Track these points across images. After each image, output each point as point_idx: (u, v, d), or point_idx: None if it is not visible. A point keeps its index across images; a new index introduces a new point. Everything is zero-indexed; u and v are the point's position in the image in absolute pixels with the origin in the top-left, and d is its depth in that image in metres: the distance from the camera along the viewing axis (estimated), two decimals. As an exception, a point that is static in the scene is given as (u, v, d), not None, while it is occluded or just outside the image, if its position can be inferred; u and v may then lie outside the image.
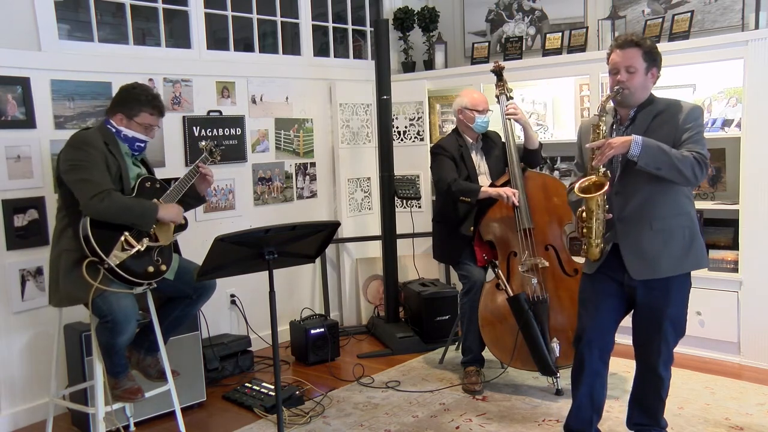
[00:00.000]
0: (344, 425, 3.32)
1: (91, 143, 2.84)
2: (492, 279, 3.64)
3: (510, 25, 5.19)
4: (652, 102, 2.62)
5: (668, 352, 2.65)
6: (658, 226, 2.56)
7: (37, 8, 3.50)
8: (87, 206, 2.76)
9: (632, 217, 2.58)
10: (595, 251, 2.58)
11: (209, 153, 3.13)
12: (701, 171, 2.46)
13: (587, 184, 2.55)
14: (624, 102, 2.60)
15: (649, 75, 2.59)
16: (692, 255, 2.59)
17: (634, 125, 2.60)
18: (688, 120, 2.53)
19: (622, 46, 2.58)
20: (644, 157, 2.43)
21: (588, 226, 2.55)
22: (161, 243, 2.93)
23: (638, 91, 2.58)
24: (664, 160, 2.43)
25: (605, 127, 2.57)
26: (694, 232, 2.61)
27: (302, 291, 4.89)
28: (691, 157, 2.44)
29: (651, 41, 2.60)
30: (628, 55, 2.56)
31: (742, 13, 4.06)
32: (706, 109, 4.10)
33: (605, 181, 2.51)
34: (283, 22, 4.83)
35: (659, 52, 2.61)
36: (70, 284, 2.81)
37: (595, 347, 2.67)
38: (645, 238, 2.56)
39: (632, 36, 2.59)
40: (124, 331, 2.80)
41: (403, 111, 5.15)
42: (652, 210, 2.56)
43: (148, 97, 2.97)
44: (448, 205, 3.74)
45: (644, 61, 2.56)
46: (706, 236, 4.08)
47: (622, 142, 2.45)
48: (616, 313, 2.69)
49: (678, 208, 2.58)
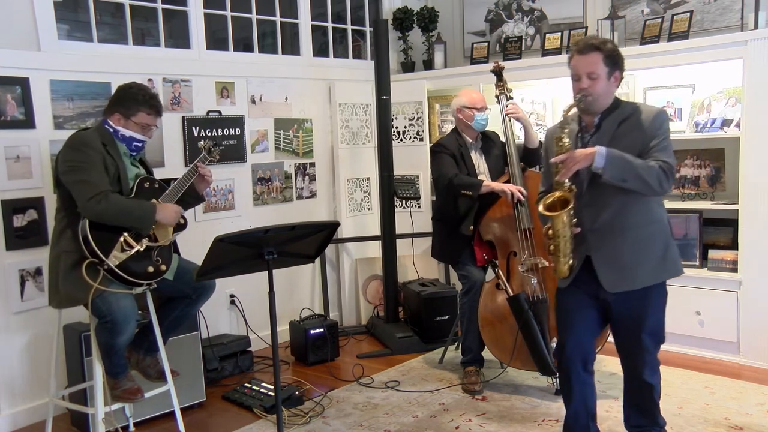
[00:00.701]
0: (344, 425, 3.32)
1: (89, 144, 2.83)
2: (492, 279, 3.64)
3: (509, 25, 5.19)
4: (617, 107, 2.55)
5: (652, 360, 2.60)
6: (631, 237, 2.49)
7: (36, 8, 3.50)
8: (85, 208, 2.76)
9: (605, 228, 2.51)
10: (564, 269, 2.52)
11: (208, 152, 3.13)
12: (667, 181, 2.41)
13: (552, 200, 2.46)
14: (587, 109, 2.52)
15: (612, 79, 2.51)
16: (668, 263, 2.54)
17: (600, 132, 2.53)
18: (654, 126, 2.46)
19: (582, 51, 2.49)
20: (609, 169, 2.37)
21: (555, 243, 2.48)
22: (161, 243, 2.92)
23: (602, 97, 2.50)
24: (630, 171, 2.37)
25: (567, 139, 2.48)
26: (668, 239, 2.56)
27: (302, 291, 4.89)
28: (657, 167, 2.39)
29: (612, 44, 2.52)
30: (589, 60, 2.47)
31: (741, 13, 4.07)
32: (705, 109, 4.10)
33: (570, 197, 2.43)
34: (283, 22, 4.83)
35: (621, 55, 2.53)
36: (70, 285, 2.80)
37: (578, 360, 2.63)
38: (619, 249, 2.49)
39: (592, 40, 2.51)
40: (124, 332, 2.80)
41: (402, 111, 5.15)
42: (625, 220, 2.49)
43: (146, 96, 2.96)
44: (449, 201, 3.73)
45: (606, 65, 2.47)
46: (705, 236, 4.10)
47: (586, 154, 2.38)
48: (594, 324, 2.64)
49: (651, 216, 2.52)
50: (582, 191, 2.51)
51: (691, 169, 4.22)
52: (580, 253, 2.55)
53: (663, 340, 2.62)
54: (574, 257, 2.53)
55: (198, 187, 3.12)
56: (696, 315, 3.97)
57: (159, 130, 3.95)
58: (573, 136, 2.57)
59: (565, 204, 2.44)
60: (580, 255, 2.55)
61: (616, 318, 2.60)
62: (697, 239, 4.06)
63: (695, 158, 4.21)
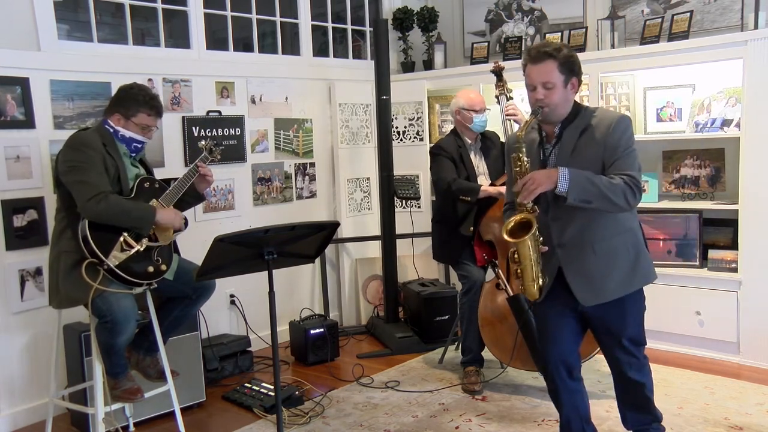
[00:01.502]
0: (344, 425, 3.32)
1: (89, 144, 2.83)
2: (492, 279, 3.64)
3: (509, 25, 5.19)
4: (578, 114, 2.47)
5: (636, 360, 2.57)
6: (600, 249, 2.44)
7: (36, 8, 3.50)
8: (84, 209, 2.76)
9: (573, 242, 2.46)
10: (533, 291, 2.47)
11: (209, 152, 3.13)
12: (633, 196, 2.35)
13: (513, 225, 2.39)
14: (546, 120, 2.45)
15: (569, 86, 2.42)
16: (639, 272, 2.50)
17: (561, 144, 2.46)
18: (616, 135, 2.38)
19: (535, 59, 2.40)
20: (573, 192, 2.30)
21: (522, 267, 2.42)
22: (161, 243, 2.92)
23: (559, 107, 2.42)
24: (594, 192, 2.30)
25: (526, 158, 2.41)
26: (639, 247, 2.52)
27: (302, 291, 4.89)
28: (622, 183, 2.32)
29: (567, 49, 2.42)
30: (544, 69, 2.38)
31: (741, 13, 4.07)
32: (705, 109, 4.10)
33: (532, 219, 2.36)
34: (283, 22, 4.83)
35: (577, 60, 2.43)
36: (70, 285, 2.80)
37: (562, 370, 2.60)
38: (589, 262, 2.45)
39: (545, 47, 2.41)
40: (124, 332, 2.80)
41: (402, 111, 5.15)
42: (593, 232, 2.44)
43: (146, 97, 2.95)
44: (448, 204, 3.74)
45: (561, 73, 2.38)
46: (705, 236, 4.10)
47: (548, 177, 2.31)
48: (574, 333, 2.61)
49: (619, 226, 2.47)
50: (547, 206, 2.46)
51: (691, 169, 4.22)
52: (551, 268, 2.51)
53: (644, 342, 2.60)
54: (544, 276, 2.48)
55: (198, 187, 3.12)
56: (696, 315, 3.97)
57: (159, 130, 3.96)
58: (534, 147, 2.52)
59: (527, 227, 2.38)
60: (551, 269, 2.51)
61: (594, 327, 2.59)
62: (697, 239, 4.06)
63: (695, 158, 4.21)
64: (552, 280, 2.52)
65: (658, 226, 4.15)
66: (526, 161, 2.43)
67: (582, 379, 2.68)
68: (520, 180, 2.37)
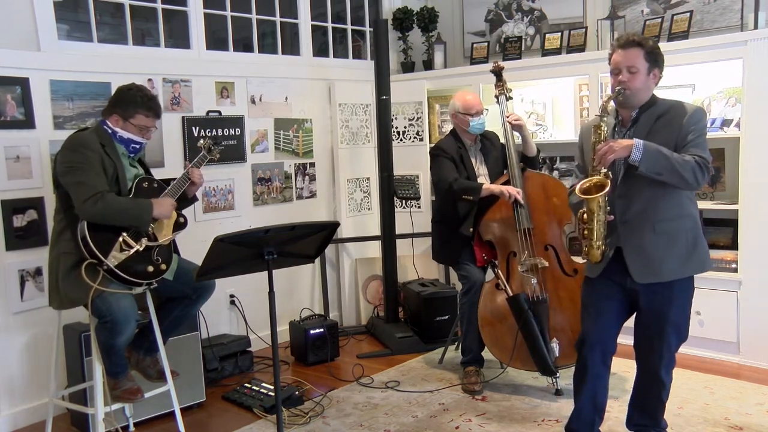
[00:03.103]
0: (344, 425, 3.32)
1: (88, 145, 2.83)
2: (491, 279, 3.64)
3: (509, 25, 5.19)
4: (655, 103, 2.59)
5: (670, 356, 2.64)
6: (661, 229, 2.54)
7: (36, 8, 3.50)
8: (81, 210, 2.75)
9: (635, 219, 2.56)
10: (596, 253, 2.55)
11: (208, 151, 3.12)
12: (702, 175, 2.45)
13: (588, 185, 2.52)
14: (625, 103, 2.57)
15: (651, 75, 2.55)
16: (695, 258, 2.58)
17: (637, 127, 2.58)
18: (691, 122, 2.50)
19: (624, 45, 2.54)
20: (645, 162, 2.42)
21: (589, 227, 2.52)
22: (160, 242, 2.92)
23: (640, 92, 2.55)
24: (665, 164, 2.42)
25: (606, 128, 2.55)
26: (697, 234, 2.59)
27: (302, 291, 4.89)
28: (693, 161, 2.43)
29: (653, 41, 2.57)
30: (630, 55, 2.52)
31: (741, 13, 4.07)
32: (705, 108, 4.10)
33: (606, 182, 2.48)
34: (283, 23, 4.83)
35: (661, 53, 2.58)
36: (69, 286, 2.80)
37: (597, 350, 2.66)
38: (648, 241, 2.54)
39: (634, 36, 2.56)
40: (124, 332, 2.80)
41: (402, 111, 5.15)
42: (655, 213, 2.54)
43: (144, 98, 2.95)
44: (448, 204, 3.74)
45: (646, 61, 2.53)
46: (705, 236, 4.06)
47: (624, 146, 2.43)
48: (618, 316, 2.67)
49: (681, 209, 2.56)
50: (617, 182, 2.55)
51: (690, 169, 4.22)
52: (611, 243, 2.58)
53: (686, 337, 2.65)
54: (606, 244, 2.56)
55: (188, 191, 3.11)
56: (696, 315, 3.95)
57: (159, 130, 3.96)
58: (610, 129, 2.61)
59: (600, 188, 2.48)
60: (611, 245, 2.58)
61: (642, 308, 2.63)
62: (697, 239, 4.06)
63: (695, 158, 4.20)
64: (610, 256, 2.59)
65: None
66: (606, 130, 2.53)
67: (609, 369, 2.72)
68: (598, 146, 2.49)
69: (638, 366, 2.73)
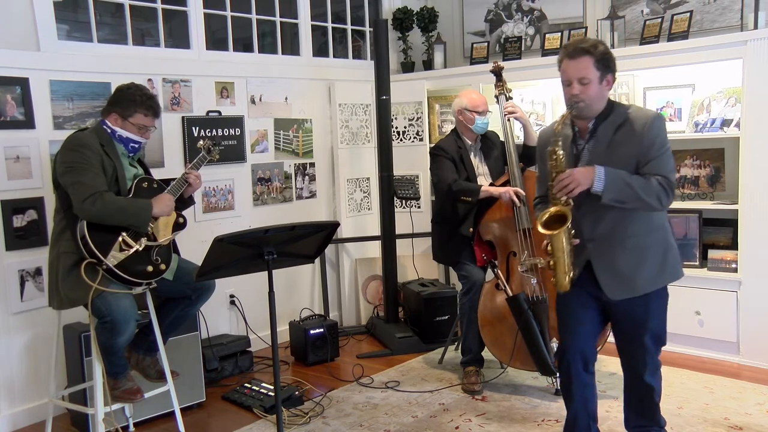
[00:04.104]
0: (344, 425, 3.32)
1: (87, 145, 2.83)
2: (491, 279, 3.64)
3: (509, 25, 5.19)
4: (612, 111, 2.49)
5: (653, 362, 2.60)
6: (631, 245, 2.47)
7: (36, 9, 3.49)
8: (80, 209, 2.75)
9: (604, 237, 2.48)
10: (565, 283, 2.48)
11: (207, 151, 3.12)
12: (667, 197, 2.39)
13: (548, 217, 2.42)
14: (581, 115, 2.46)
15: (604, 83, 2.44)
16: (668, 269, 2.53)
17: (596, 139, 2.48)
18: (651, 134, 2.40)
19: (572, 55, 2.42)
20: (608, 192, 2.35)
21: (555, 259, 2.44)
22: (160, 242, 2.92)
23: (594, 102, 2.44)
24: (629, 193, 2.36)
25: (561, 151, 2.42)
26: (668, 244, 2.54)
27: (301, 291, 4.89)
28: (656, 184, 2.37)
29: (603, 46, 2.45)
30: (580, 65, 2.40)
31: (741, 13, 4.07)
32: (705, 108, 4.10)
33: (567, 212, 2.39)
34: (282, 23, 4.83)
35: (612, 57, 2.46)
36: (69, 286, 2.80)
37: (579, 361, 2.62)
38: (619, 258, 2.47)
39: (582, 43, 2.43)
40: (124, 332, 2.80)
41: (402, 111, 5.15)
42: (625, 229, 2.46)
43: (143, 97, 2.95)
44: (448, 205, 3.74)
45: (597, 69, 2.41)
46: (705, 236, 4.10)
47: (587, 176, 2.36)
48: (595, 325, 2.63)
49: (651, 223, 2.49)
50: (580, 201, 2.47)
51: (690, 169, 4.22)
52: (580, 261, 2.52)
53: (664, 342, 2.62)
54: (575, 268, 2.50)
55: (185, 192, 3.11)
56: (696, 315, 3.97)
57: (159, 130, 3.97)
58: (567, 143, 2.53)
59: (562, 220, 2.40)
60: (580, 262, 2.53)
61: (617, 320, 2.60)
62: (696, 239, 4.06)
63: (695, 158, 4.21)
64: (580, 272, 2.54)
65: (658, 226, 4.15)
66: (562, 155, 2.44)
67: (594, 374, 2.70)
68: (559, 176, 2.40)
69: (624, 371, 2.69)
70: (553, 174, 2.44)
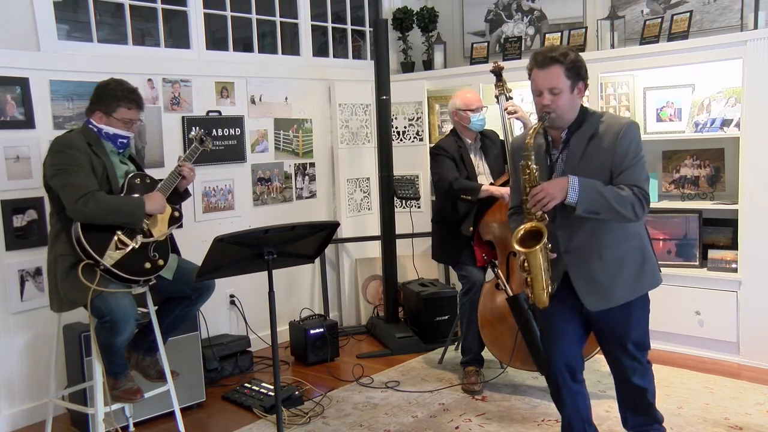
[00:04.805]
0: (343, 425, 3.32)
1: (74, 145, 2.81)
2: (491, 279, 3.64)
3: (509, 25, 5.19)
4: (584, 120, 2.45)
5: (641, 366, 2.58)
6: (607, 255, 2.44)
7: (35, 9, 3.49)
8: (73, 211, 2.74)
9: (580, 249, 2.45)
10: (544, 299, 2.44)
11: (199, 142, 3.09)
12: (642, 208, 2.36)
13: (524, 233, 2.37)
14: (553, 125, 2.43)
15: (576, 92, 2.41)
16: (645, 277, 2.50)
17: (569, 150, 2.45)
18: (624, 143, 2.37)
19: (542, 64, 2.38)
20: (582, 203, 2.31)
21: (532, 276, 2.40)
22: (156, 238, 2.91)
23: (566, 112, 2.40)
24: (603, 204, 2.32)
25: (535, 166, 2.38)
26: (645, 252, 2.51)
27: (301, 291, 4.89)
28: (631, 195, 2.34)
29: (573, 53, 2.40)
30: (551, 75, 2.36)
31: (740, 13, 4.07)
32: (705, 108, 4.10)
33: (542, 228, 2.34)
34: (282, 22, 4.83)
35: (584, 64, 2.42)
36: (68, 288, 2.80)
37: (565, 372, 2.59)
38: (596, 268, 2.44)
39: (551, 52, 2.39)
40: (123, 331, 2.79)
41: (402, 111, 5.15)
42: (600, 239, 2.43)
43: (124, 91, 2.92)
44: (448, 205, 3.74)
45: (568, 78, 2.37)
46: (705, 236, 4.10)
47: (560, 189, 2.32)
48: (578, 335, 2.60)
49: (626, 232, 2.45)
50: (554, 213, 2.44)
51: (690, 169, 4.23)
52: (557, 272, 2.49)
53: (648, 346, 2.60)
54: (554, 283, 2.47)
55: (179, 185, 3.09)
56: (696, 315, 3.97)
57: (159, 130, 3.97)
58: (541, 153, 2.49)
59: (538, 236, 2.36)
60: (557, 274, 2.49)
61: (599, 330, 2.58)
62: (696, 239, 4.06)
63: (695, 158, 4.21)
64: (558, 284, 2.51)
65: (658, 226, 4.15)
66: (535, 169, 2.39)
67: (584, 381, 2.68)
68: (532, 191, 2.36)
69: (613, 375, 2.67)
70: (527, 188, 2.39)
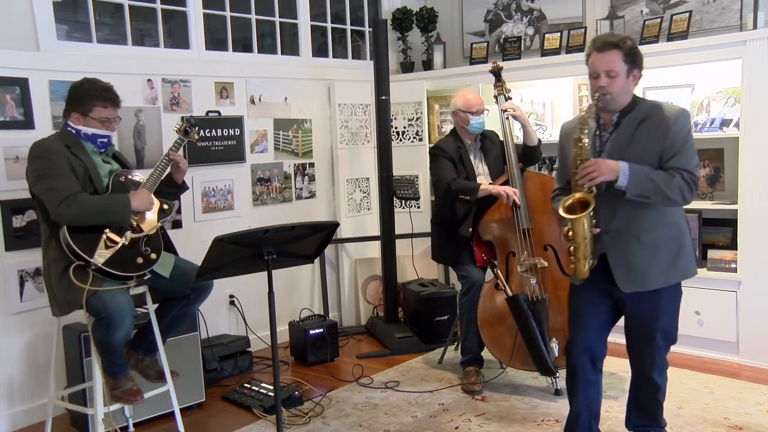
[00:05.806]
0: (343, 425, 3.31)
1: (51, 149, 2.79)
2: (491, 279, 3.64)
3: (508, 25, 5.19)
4: (635, 106, 2.53)
5: (661, 361, 2.62)
6: (645, 239, 2.49)
7: (35, 9, 3.49)
8: (57, 215, 2.72)
9: (619, 229, 2.51)
10: (584, 270, 2.50)
11: (184, 133, 3.06)
12: (690, 192, 2.41)
13: (571, 202, 2.45)
14: (606, 107, 2.50)
15: (631, 77, 2.49)
16: (680, 266, 2.54)
17: (619, 132, 2.52)
18: (676, 128, 2.44)
19: (601, 48, 2.46)
20: (632, 188, 2.39)
21: (575, 245, 2.47)
22: (146, 232, 2.89)
23: (620, 96, 2.48)
24: (652, 188, 2.39)
25: (587, 139, 2.46)
26: (683, 241, 2.56)
27: (301, 291, 4.89)
28: (680, 178, 2.40)
29: (631, 41, 2.49)
30: (608, 58, 2.44)
31: (740, 13, 4.07)
32: (704, 109, 4.10)
33: (590, 200, 2.41)
34: (282, 23, 4.83)
35: (640, 52, 2.51)
36: (63, 291, 2.79)
37: (586, 358, 2.62)
38: (632, 251, 2.49)
39: (611, 37, 2.48)
40: (120, 327, 2.76)
41: (401, 111, 5.15)
42: (640, 222, 2.49)
43: (98, 90, 2.88)
44: (447, 205, 3.74)
45: (625, 63, 2.45)
46: (705, 236, 4.10)
47: (611, 169, 2.40)
48: (605, 322, 2.64)
49: (665, 218, 2.51)
50: (600, 192, 2.49)
51: (690, 169, 4.22)
52: (596, 252, 2.54)
53: (675, 340, 2.63)
54: (594, 257, 2.52)
55: (175, 176, 3.08)
56: (695, 315, 3.97)
57: (158, 130, 3.98)
58: (591, 134, 2.55)
59: (585, 206, 2.42)
60: (596, 253, 2.54)
61: (629, 315, 2.61)
62: (696, 239, 4.06)
63: (694, 158, 4.20)
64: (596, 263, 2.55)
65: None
66: (587, 143, 2.47)
67: (602, 372, 2.70)
68: (584, 163, 2.43)
69: (632, 369, 2.71)
70: (577, 162, 2.47)
